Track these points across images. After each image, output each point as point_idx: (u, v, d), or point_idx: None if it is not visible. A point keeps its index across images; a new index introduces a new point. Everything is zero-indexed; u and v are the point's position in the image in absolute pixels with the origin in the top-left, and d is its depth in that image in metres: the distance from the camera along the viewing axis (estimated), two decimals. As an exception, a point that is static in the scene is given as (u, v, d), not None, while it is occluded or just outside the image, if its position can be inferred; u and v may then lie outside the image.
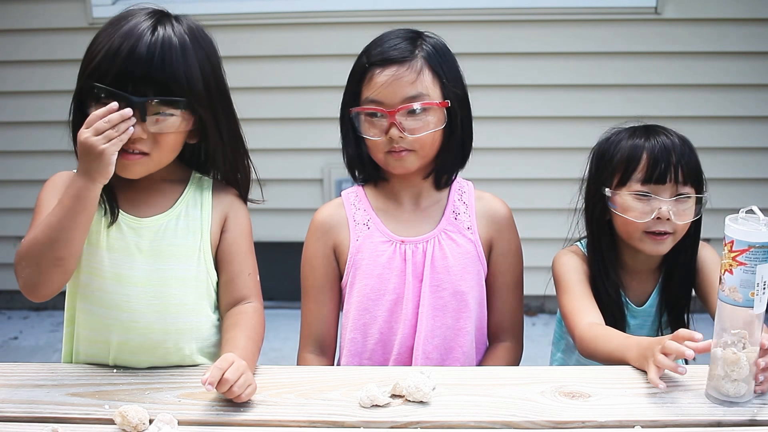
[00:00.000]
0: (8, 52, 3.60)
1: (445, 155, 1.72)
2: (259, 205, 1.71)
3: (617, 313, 1.75)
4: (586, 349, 1.61)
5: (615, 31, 3.46)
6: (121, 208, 1.55)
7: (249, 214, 1.67)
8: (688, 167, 1.67)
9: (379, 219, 1.75)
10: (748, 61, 3.46)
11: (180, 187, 1.61)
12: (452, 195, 1.77)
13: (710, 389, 1.39)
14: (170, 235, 1.55)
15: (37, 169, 3.52)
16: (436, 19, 3.40)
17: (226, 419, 1.37)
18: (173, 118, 1.47)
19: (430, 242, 1.72)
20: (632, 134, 1.72)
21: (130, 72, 1.42)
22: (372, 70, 1.65)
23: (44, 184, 1.57)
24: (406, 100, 1.63)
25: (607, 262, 1.76)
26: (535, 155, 3.65)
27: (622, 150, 1.70)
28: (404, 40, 1.67)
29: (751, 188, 3.58)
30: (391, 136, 1.64)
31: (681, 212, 1.67)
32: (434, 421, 1.35)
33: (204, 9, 3.51)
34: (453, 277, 1.71)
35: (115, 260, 1.52)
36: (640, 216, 1.67)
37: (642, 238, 1.69)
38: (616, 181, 1.70)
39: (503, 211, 1.79)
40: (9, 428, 1.35)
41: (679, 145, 1.68)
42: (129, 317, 1.52)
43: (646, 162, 1.66)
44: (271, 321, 1.84)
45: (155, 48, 1.43)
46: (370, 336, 1.74)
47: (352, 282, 1.74)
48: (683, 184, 1.67)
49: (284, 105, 3.63)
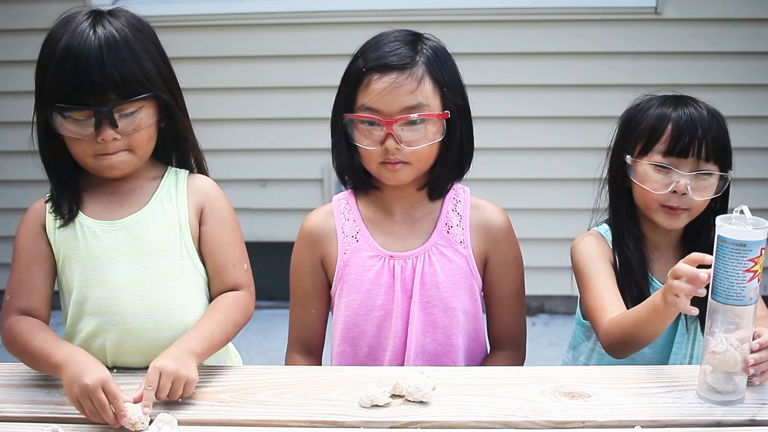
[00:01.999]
0: (8, 52, 3.61)
1: (442, 167, 1.65)
2: (260, 205, 1.71)
3: (642, 283, 1.69)
4: (613, 341, 1.56)
5: (615, 31, 3.46)
6: (94, 212, 1.55)
7: (229, 205, 1.64)
8: (713, 143, 1.63)
9: (369, 231, 1.69)
10: (748, 61, 3.46)
11: (155, 183, 1.60)
12: (446, 205, 1.70)
13: (701, 386, 1.39)
14: (147, 232, 1.54)
15: (37, 170, 3.51)
16: (435, 19, 3.40)
17: (226, 419, 1.37)
18: (142, 113, 1.49)
19: (420, 257, 1.66)
20: (662, 103, 1.69)
21: (86, 82, 1.42)
22: (370, 76, 1.57)
23: (22, 220, 1.57)
24: (405, 110, 1.55)
25: (629, 230, 1.72)
26: (534, 155, 3.65)
27: (649, 118, 1.67)
28: (404, 44, 1.59)
29: (751, 188, 3.58)
30: (387, 147, 1.57)
31: (700, 188, 1.63)
32: (434, 421, 1.35)
33: (204, 9, 3.51)
34: (443, 294, 1.66)
35: (98, 267, 1.52)
36: (658, 188, 1.64)
37: (657, 209, 1.66)
38: (638, 149, 1.68)
39: (499, 221, 1.72)
40: (9, 428, 1.35)
41: (707, 118, 1.64)
42: (120, 320, 1.52)
43: (670, 133, 1.63)
44: (271, 321, 1.84)
45: (102, 51, 1.42)
46: (359, 349, 1.71)
47: (340, 295, 1.70)
48: (706, 160, 1.63)
49: (284, 105, 3.63)
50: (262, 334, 3.41)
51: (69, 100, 1.43)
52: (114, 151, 1.48)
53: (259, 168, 3.70)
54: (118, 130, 1.46)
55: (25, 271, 1.54)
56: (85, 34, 1.43)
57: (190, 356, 1.43)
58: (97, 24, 1.45)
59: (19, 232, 1.56)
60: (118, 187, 1.57)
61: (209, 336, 1.49)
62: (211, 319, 1.53)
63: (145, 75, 1.47)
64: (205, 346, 1.48)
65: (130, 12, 1.53)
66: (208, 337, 1.49)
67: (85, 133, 1.46)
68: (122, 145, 1.49)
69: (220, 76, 3.57)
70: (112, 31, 1.45)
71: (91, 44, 1.42)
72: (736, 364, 1.35)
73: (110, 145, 1.47)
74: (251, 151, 3.67)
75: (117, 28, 1.46)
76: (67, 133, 1.47)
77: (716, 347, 1.34)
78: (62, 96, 1.43)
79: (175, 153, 1.64)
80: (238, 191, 3.57)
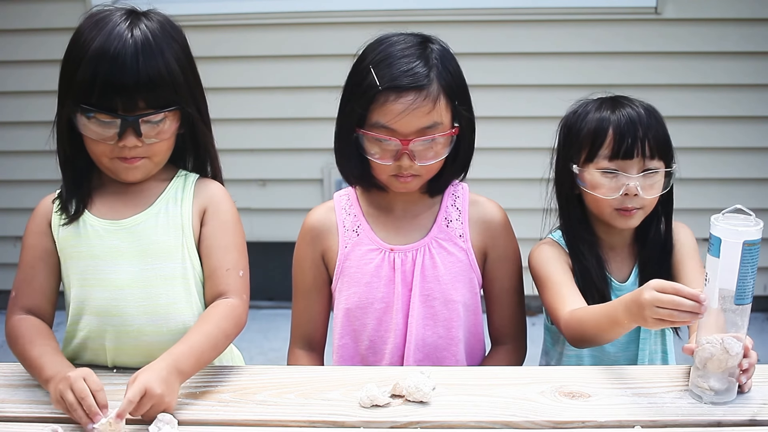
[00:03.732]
0: (8, 52, 3.61)
1: (446, 172, 1.68)
2: (260, 205, 1.71)
3: (603, 286, 1.71)
4: (574, 334, 1.58)
5: (615, 31, 3.46)
6: (99, 211, 1.55)
7: (234, 210, 1.62)
8: (655, 140, 1.64)
9: (369, 225, 1.71)
10: (748, 61, 3.45)
11: (163, 185, 1.59)
12: (445, 200, 1.73)
13: (692, 386, 1.40)
14: (150, 234, 1.54)
15: (37, 169, 3.52)
16: (436, 19, 3.40)
17: (226, 419, 1.37)
18: (165, 123, 1.48)
19: (420, 250, 1.69)
20: (599, 107, 1.70)
21: (117, 84, 1.41)
22: (386, 95, 1.55)
23: (30, 216, 1.57)
24: (421, 130, 1.56)
25: (582, 236, 1.73)
26: (534, 155, 3.63)
27: (589, 124, 1.68)
28: (416, 58, 1.57)
29: (751, 188, 3.58)
30: (401, 164, 1.58)
31: (649, 186, 1.65)
32: (434, 421, 1.35)
33: (204, 9, 3.51)
34: (444, 287, 1.68)
35: (99, 266, 1.52)
36: (609, 192, 1.65)
37: (611, 213, 1.67)
38: (583, 157, 1.69)
39: (498, 216, 1.75)
40: (9, 428, 1.35)
41: (645, 117, 1.65)
42: (120, 321, 1.52)
43: (612, 137, 1.64)
44: (271, 321, 1.84)
45: (137, 54, 1.41)
46: (360, 342, 1.72)
47: (341, 288, 1.72)
48: (650, 158, 1.65)
49: (284, 105, 3.63)
50: (262, 334, 3.41)
51: (97, 102, 1.42)
52: (132, 156, 1.48)
53: (259, 168, 3.70)
54: (141, 139, 1.46)
55: (30, 269, 1.54)
56: (124, 36, 1.42)
57: (176, 379, 1.38)
58: (134, 26, 1.44)
59: (27, 229, 1.57)
60: (127, 187, 1.56)
61: (198, 353, 1.44)
62: (203, 333, 1.48)
63: (175, 84, 1.47)
64: (194, 366, 1.43)
65: (164, 15, 1.52)
66: (197, 354, 1.44)
67: (108, 136, 1.45)
68: (141, 152, 1.48)
69: (221, 76, 3.56)
70: (147, 35, 1.44)
71: (129, 46, 1.41)
72: (730, 362, 1.35)
73: (130, 150, 1.47)
74: (251, 151, 3.66)
75: (152, 32, 1.45)
76: (89, 134, 1.46)
77: (713, 347, 1.34)
78: (90, 96, 1.42)
79: (193, 159, 1.63)
80: (238, 191, 3.54)
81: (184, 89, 1.49)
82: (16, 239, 3.58)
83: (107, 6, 1.50)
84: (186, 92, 1.50)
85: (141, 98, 1.43)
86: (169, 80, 1.46)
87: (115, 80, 1.41)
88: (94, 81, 1.41)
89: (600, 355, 1.74)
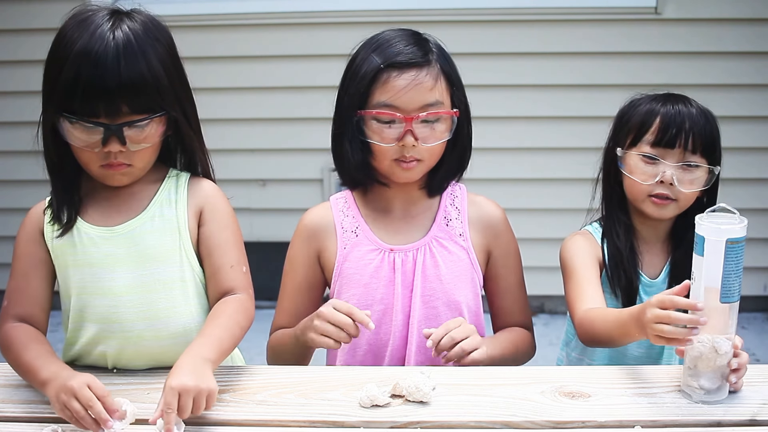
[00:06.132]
0: (8, 52, 3.61)
1: (445, 165, 1.67)
2: (259, 205, 1.70)
3: (631, 273, 1.72)
4: (585, 334, 1.60)
5: (615, 31, 3.46)
6: (92, 218, 1.52)
7: (229, 207, 1.61)
8: (701, 136, 1.67)
9: (368, 226, 1.69)
10: (747, 61, 3.46)
11: (154, 187, 1.57)
12: (444, 200, 1.72)
13: (683, 385, 1.40)
14: (146, 238, 1.51)
15: (37, 170, 3.51)
16: (435, 19, 3.40)
17: (226, 419, 1.37)
18: (149, 127, 1.45)
19: (421, 250, 1.67)
20: (653, 99, 1.74)
21: (99, 86, 1.38)
22: (388, 72, 1.56)
23: (21, 224, 1.55)
24: (425, 107, 1.56)
25: (620, 217, 1.76)
26: (534, 155, 3.65)
27: (639, 113, 1.73)
28: (414, 44, 1.60)
29: (751, 188, 3.58)
30: (405, 143, 1.56)
31: (687, 180, 1.67)
32: (434, 421, 1.35)
33: (204, 9, 3.51)
34: (446, 287, 1.67)
35: (97, 275, 1.50)
36: (645, 178, 1.68)
37: (645, 200, 1.70)
38: (628, 142, 1.73)
39: (497, 214, 1.75)
40: (9, 428, 1.35)
41: (695, 114, 1.69)
42: (120, 327, 1.50)
43: (657, 125, 1.68)
44: (270, 321, 1.84)
45: (119, 56, 1.38)
46: (359, 347, 1.70)
47: (339, 291, 1.69)
48: (692, 153, 1.67)
49: (284, 105, 3.63)
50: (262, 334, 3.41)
51: (80, 108, 1.39)
52: (117, 162, 1.45)
53: (259, 168, 3.70)
54: (126, 146, 1.43)
55: (22, 277, 1.52)
56: (106, 37, 1.39)
57: (205, 365, 1.35)
58: (116, 27, 1.41)
59: (18, 236, 1.55)
60: (118, 191, 1.53)
61: (218, 341, 1.43)
62: (217, 325, 1.47)
63: (159, 87, 1.43)
64: (217, 352, 1.41)
65: (149, 14, 1.49)
66: (217, 342, 1.42)
67: (92, 142, 1.42)
68: (125, 158, 1.45)
69: (220, 76, 3.57)
70: (129, 36, 1.40)
71: (110, 48, 1.38)
72: (720, 361, 1.35)
73: (116, 156, 1.44)
74: (251, 151, 3.67)
75: (135, 33, 1.41)
76: (73, 141, 1.43)
77: (702, 346, 1.34)
78: (73, 100, 1.39)
79: (181, 159, 1.61)
80: (238, 191, 3.55)
81: (168, 92, 1.46)
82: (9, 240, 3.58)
83: (90, 5, 1.47)
84: (171, 95, 1.47)
85: (124, 102, 1.40)
86: (153, 83, 1.42)
87: (96, 83, 1.37)
88: (76, 84, 1.38)
89: (625, 355, 1.75)
